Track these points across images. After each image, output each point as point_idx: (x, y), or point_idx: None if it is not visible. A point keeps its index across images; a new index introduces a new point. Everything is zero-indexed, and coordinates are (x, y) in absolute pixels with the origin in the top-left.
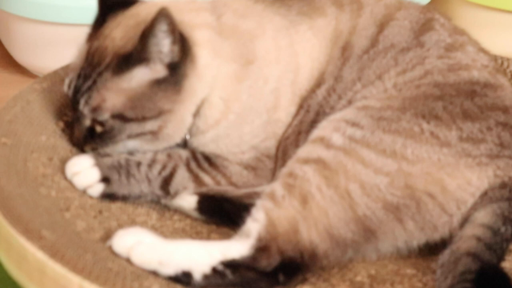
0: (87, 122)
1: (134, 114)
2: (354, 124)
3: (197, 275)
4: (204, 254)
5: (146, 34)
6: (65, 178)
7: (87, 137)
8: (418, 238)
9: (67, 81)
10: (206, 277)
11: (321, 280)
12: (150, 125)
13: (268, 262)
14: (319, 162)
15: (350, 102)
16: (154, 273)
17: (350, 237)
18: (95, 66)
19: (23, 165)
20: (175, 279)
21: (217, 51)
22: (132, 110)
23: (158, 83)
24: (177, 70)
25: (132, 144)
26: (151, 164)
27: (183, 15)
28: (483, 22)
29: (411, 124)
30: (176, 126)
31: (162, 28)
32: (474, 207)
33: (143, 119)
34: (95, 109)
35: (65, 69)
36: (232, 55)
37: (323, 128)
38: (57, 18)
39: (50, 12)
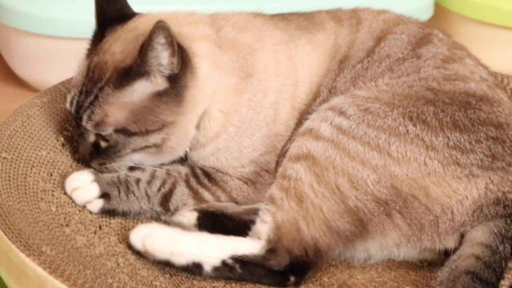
0: (92, 138)
1: (138, 128)
2: (341, 113)
3: (207, 267)
4: (215, 248)
5: (145, 48)
6: (65, 193)
7: (93, 153)
8: (407, 239)
9: (69, 98)
10: (215, 269)
11: None
12: (153, 138)
13: (278, 262)
14: (309, 158)
15: None
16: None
17: (348, 228)
18: (96, 81)
19: (23, 180)
20: (186, 268)
21: (217, 64)
22: (135, 123)
23: (159, 96)
24: (177, 82)
25: (137, 157)
26: (150, 181)
27: (182, 28)
28: (483, 38)
29: (396, 123)
30: (179, 139)
31: (160, 41)
32: (470, 224)
33: (147, 132)
34: (98, 124)
35: (65, 83)
36: (232, 68)
37: (313, 120)
38: (57, 32)
39: (50, 26)
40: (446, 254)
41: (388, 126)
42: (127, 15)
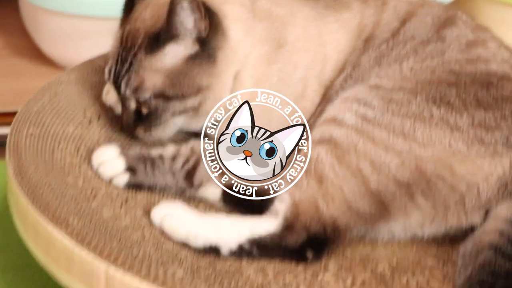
0: (133, 105)
1: (174, 92)
2: (365, 104)
3: (225, 250)
4: (232, 231)
5: (169, 12)
6: (92, 167)
7: (136, 120)
8: (431, 219)
9: (107, 69)
10: (233, 252)
11: (342, 270)
12: (191, 102)
13: (295, 239)
14: (331, 142)
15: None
16: (179, 260)
17: (368, 209)
18: (130, 48)
19: (51, 154)
20: (203, 251)
21: (251, 30)
22: (172, 88)
23: (192, 59)
24: (207, 44)
25: (179, 121)
26: (174, 157)
27: None
28: (508, 20)
29: (420, 108)
30: (214, 103)
31: (183, 6)
32: (496, 201)
33: (183, 96)
34: (136, 90)
35: (93, 61)
36: (265, 37)
37: (336, 108)
38: (85, 11)
39: (78, 5)
40: (471, 230)
41: (412, 113)
42: None
